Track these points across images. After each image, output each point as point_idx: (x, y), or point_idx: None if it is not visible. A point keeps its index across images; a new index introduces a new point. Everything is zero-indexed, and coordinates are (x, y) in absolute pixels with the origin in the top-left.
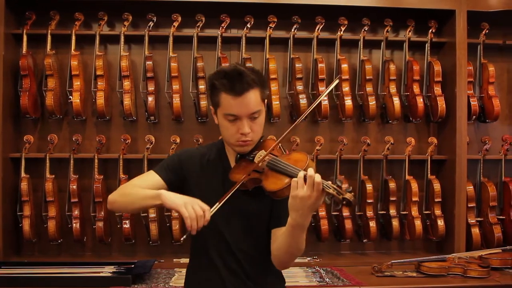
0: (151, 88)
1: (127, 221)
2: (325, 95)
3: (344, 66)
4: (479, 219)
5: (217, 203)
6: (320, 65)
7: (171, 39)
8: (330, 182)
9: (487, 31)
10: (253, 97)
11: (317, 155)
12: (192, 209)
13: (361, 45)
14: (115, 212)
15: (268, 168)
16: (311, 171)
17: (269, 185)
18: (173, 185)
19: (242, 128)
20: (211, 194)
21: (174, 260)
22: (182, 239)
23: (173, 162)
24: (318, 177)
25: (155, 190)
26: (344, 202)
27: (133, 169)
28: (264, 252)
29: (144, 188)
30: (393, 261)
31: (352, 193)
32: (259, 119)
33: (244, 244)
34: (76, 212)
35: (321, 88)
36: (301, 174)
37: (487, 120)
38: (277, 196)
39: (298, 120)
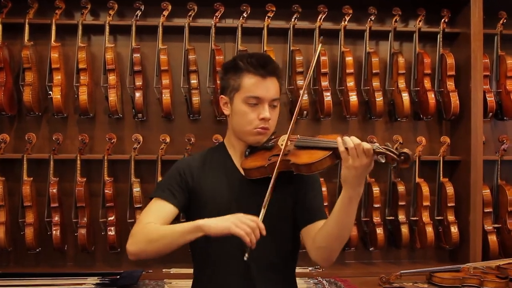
0: (138, 83)
1: (112, 228)
2: (312, 69)
3: (349, 59)
4: (496, 225)
5: (263, 207)
6: (322, 58)
7: (160, 29)
8: (377, 144)
9: (504, 21)
10: (275, 84)
11: None
12: (243, 224)
13: (367, 36)
14: (142, 259)
15: (296, 148)
16: (354, 139)
17: (303, 159)
18: (185, 207)
19: (264, 112)
20: (221, 197)
21: (163, 270)
22: (245, 258)
23: (175, 180)
24: (366, 144)
25: (191, 223)
26: (402, 157)
27: (119, 171)
28: (287, 258)
29: (163, 222)
30: (402, 272)
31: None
32: (276, 110)
33: (264, 250)
34: (56, 218)
35: (323, 83)
36: (349, 142)
37: (504, 118)
38: (311, 170)
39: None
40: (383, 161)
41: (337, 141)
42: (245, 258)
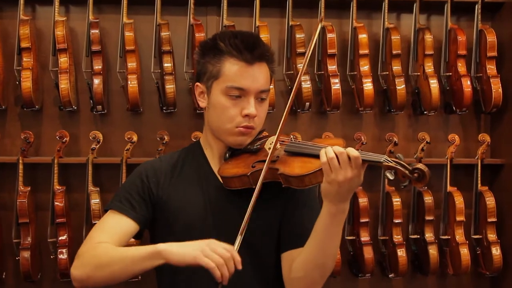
0: (97, 66)
1: (63, 250)
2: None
3: (362, 36)
4: None
5: (239, 234)
6: (329, 35)
7: None
8: (385, 156)
9: None
10: (264, 71)
11: None
12: (215, 254)
13: (386, 8)
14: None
15: (286, 154)
16: (338, 148)
17: (293, 169)
18: (148, 221)
19: (248, 107)
20: (193, 211)
21: None
22: None
23: (135, 188)
24: (353, 151)
25: (150, 247)
26: (416, 174)
27: (73, 178)
28: (275, 286)
29: (118, 241)
30: None
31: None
32: (265, 104)
33: (245, 278)
34: None
35: (330, 68)
36: (329, 151)
37: None
38: (304, 184)
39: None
40: (392, 178)
41: (320, 153)
42: None
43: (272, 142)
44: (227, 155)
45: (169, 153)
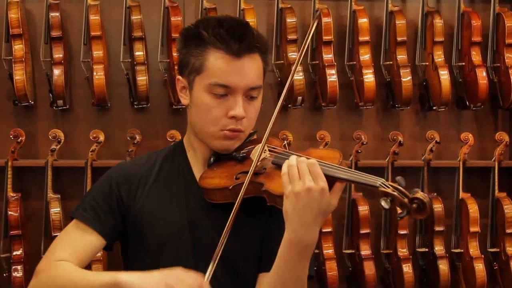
0: (58, 55)
1: (18, 267)
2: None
3: (363, 21)
4: None
5: (212, 261)
6: (325, 19)
7: None
8: (383, 180)
9: None
10: (255, 64)
11: None
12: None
13: None
14: None
15: (274, 166)
16: (302, 158)
17: (279, 187)
18: (117, 235)
19: (235, 107)
20: (170, 224)
21: None
22: None
23: (102, 195)
24: (312, 160)
25: (108, 274)
26: (414, 206)
27: (30, 183)
28: None
29: (82, 258)
30: None
31: (424, 193)
32: (256, 102)
33: None
34: None
35: (326, 57)
36: (292, 159)
37: None
38: None
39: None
40: (387, 207)
41: (283, 163)
42: None
43: (265, 150)
44: (212, 160)
45: (146, 153)
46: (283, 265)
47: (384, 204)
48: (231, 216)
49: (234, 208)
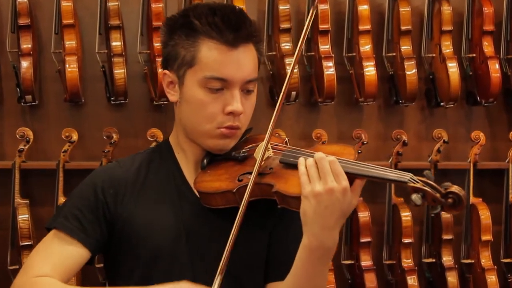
0: (26, 45)
1: None
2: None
3: (363, 8)
4: None
5: (218, 273)
6: (321, 6)
7: None
8: (411, 174)
9: None
10: (251, 55)
11: None
12: None
13: None
14: None
15: (282, 166)
16: (319, 154)
17: (292, 187)
18: (100, 246)
19: (233, 102)
20: (163, 234)
21: None
22: None
23: (87, 203)
24: (332, 157)
25: None
26: (450, 200)
27: None
28: None
29: (65, 274)
30: None
31: (458, 186)
32: (252, 97)
33: None
34: None
35: (322, 48)
36: (309, 160)
37: None
38: None
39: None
40: (419, 204)
41: (298, 161)
42: None
43: (268, 148)
44: (205, 161)
45: (129, 156)
46: (302, 272)
47: (416, 199)
48: (236, 222)
49: (239, 212)
